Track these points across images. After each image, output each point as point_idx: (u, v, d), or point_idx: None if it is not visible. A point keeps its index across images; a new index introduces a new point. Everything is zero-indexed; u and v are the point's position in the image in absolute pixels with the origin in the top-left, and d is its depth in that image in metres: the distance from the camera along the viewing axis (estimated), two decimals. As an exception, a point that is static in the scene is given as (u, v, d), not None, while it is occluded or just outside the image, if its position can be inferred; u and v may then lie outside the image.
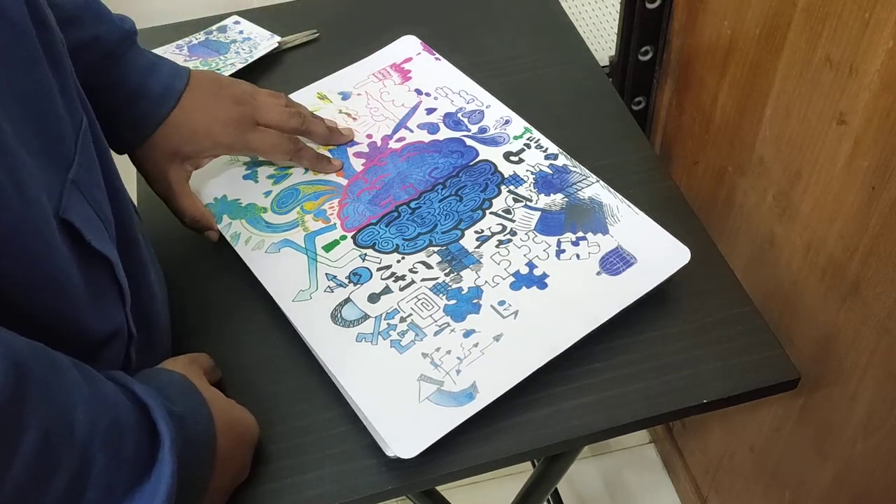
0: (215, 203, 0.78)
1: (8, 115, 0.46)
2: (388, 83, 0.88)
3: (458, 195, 0.76)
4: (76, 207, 0.52)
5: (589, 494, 1.39)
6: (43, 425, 0.42)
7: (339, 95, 0.88)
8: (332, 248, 0.73)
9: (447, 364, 0.63)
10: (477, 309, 0.67)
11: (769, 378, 0.65)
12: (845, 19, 0.67)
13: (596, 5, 1.38)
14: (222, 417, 0.56)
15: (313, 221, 0.75)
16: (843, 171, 0.72)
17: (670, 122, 1.08)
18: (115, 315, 0.56)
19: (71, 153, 0.53)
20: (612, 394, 0.64)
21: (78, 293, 0.51)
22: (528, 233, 0.72)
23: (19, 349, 0.42)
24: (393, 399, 0.62)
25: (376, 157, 0.80)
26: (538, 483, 0.84)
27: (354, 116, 0.85)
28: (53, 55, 0.52)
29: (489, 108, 0.84)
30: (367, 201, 0.76)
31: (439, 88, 0.87)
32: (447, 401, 0.61)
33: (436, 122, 0.83)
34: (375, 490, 0.61)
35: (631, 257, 0.69)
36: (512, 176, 0.77)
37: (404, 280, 0.69)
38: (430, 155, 0.80)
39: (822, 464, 0.88)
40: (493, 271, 0.69)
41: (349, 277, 0.70)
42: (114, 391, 0.48)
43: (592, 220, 0.72)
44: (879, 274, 0.71)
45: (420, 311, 0.67)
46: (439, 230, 0.73)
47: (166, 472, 0.48)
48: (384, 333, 0.66)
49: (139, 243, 0.62)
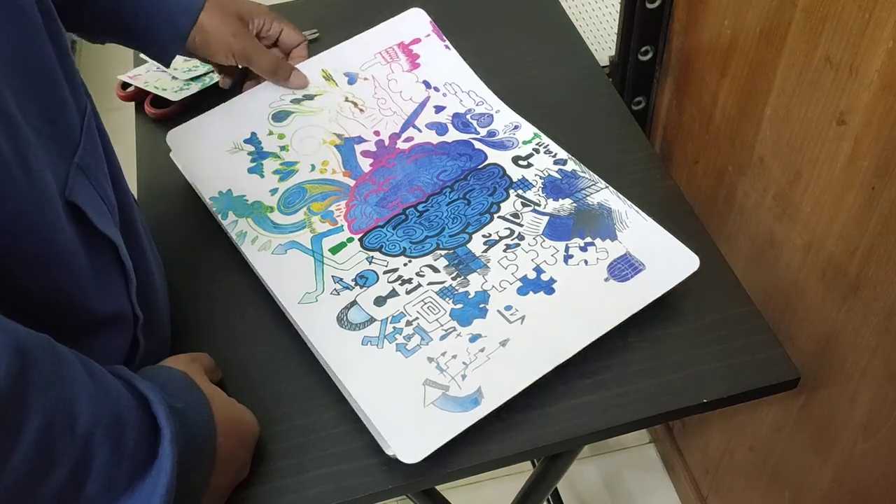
0: (220, 198, 0.77)
1: (16, 99, 0.48)
2: (395, 67, 0.87)
3: (465, 199, 0.75)
4: (82, 190, 0.53)
5: (589, 494, 1.39)
6: (45, 416, 0.42)
7: (345, 77, 0.86)
8: (339, 250, 0.72)
9: (453, 369, 0.63)
10: (483, 314, 0.66)
11: (769, 378, 0.65)
12: (845, 19, 0.67)
13: (596, 5, 1.38)
14: (223, 415, 0.56)
15: (321, 223, 0.75)
16: (843, 171, 0.72)
17: (670, 122, 1.08)
18: (119, 297, 0.57)
19: (77, 138, 0.55)
20: (612, 394, 0.64)
21: (84, 274, 0.53)
22: (536, 237, 0.71)
23: (24, 340, 0.42)
24: (398, 403, 0.62)
25: (384, 158, 0.80)
26: (538, 483, 0.84)
27: (362, 107, 0.84)
28: (59, 44, 0.54)
29: (498, 113, 0.83)
30: (375, 203, 0.76)
31: (448, 84, 0.86)
32: (452, 406, 0.61)
33: (444, 122, 0.83)
34: (375, 489, 0.61)
35: (639, 264, 0.68)
36: (520, 180, 0.76)
37: (411, 283, 0.69)
38: (438, 157, 0.79)
39: (822, 464, 0.88)
40: (500, 276, 0.69)
41: (355, 280, 0.70)
42: (116, 385, 0.49)
43: (601, 225, 0.72)
44: (879, 274, 0.71)
45: (426, 315, 0.67)
46: (447, 233, 0.72)
47: (166, 466, 0.48)
48: (390, 337, 0.66)
49: (139, 231, 0.63)
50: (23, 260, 0.48)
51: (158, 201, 0.78)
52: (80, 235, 0.53)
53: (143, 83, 0.92)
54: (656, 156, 0.83)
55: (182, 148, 0.81)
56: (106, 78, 0.84)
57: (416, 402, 0.61)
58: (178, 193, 0.81)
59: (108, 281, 0.56)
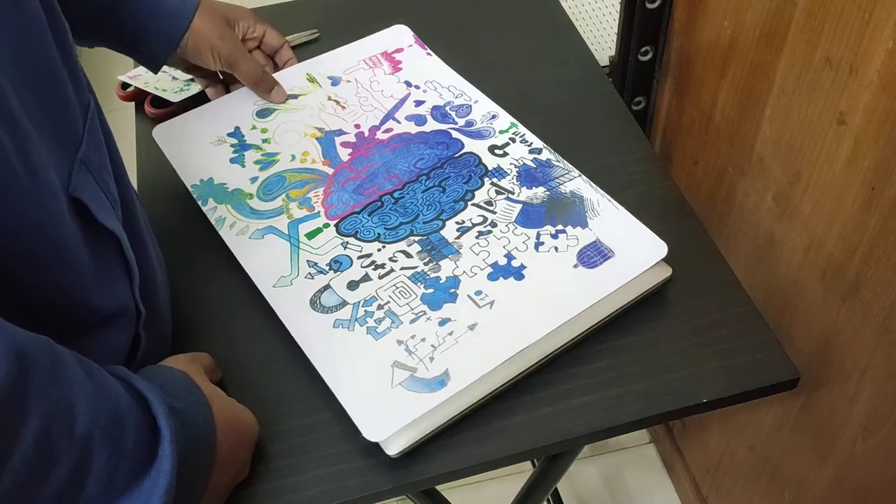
0: (201, 185, 0.78)
1: (18, 94, 0.48)
2: (378, 72, 0.89)
3: (441, 186, 0.77)
4: (85, 186, 0.53)
5: (589, 494, 1.39)
6: (45, 417, 0.42)
7: (329, 80, 0.89)
8: (315, 235, 0.74)
9: (421, 351, 0.64)
10: (454, 298, 0.68)
11: (769, 378, 0.65)
12: (845, 19, 0.67)
13: (596, 5, 1.38)
14: (223, 415, 0.56)
15: (298, 209, 0.76)
16: (843, 171, 0.72)
17: (670, 122, 1.08)
18: (123, 292, 0.58)
19: (79, 134, 0.55)
20: (612, 394, 0.64)
21: (86, 270, 0.53)
22: (509, 225, 0.73)
23: (23, 341, 0.42)
24: (366, 384, 0.63)
25: (363, 147, 0.81)
26: (538, 483, 0.84)
27: (343, 105, 0.86)
28: (62, 39, 0.54)
29: (477, 104, 0.84)
30: (352, 190, 0.77)
31: (429, 82, 0.87)
32: (419, 387, 0.62)
33: (423, 114, 0.84)
34: (375, 489, 0.61)
35: (608, 251, 0.70)
36: (496, 168, 0.78)
37: (384, 268, 0.70)
38: (416, 146, 0.81)
39: (822, 464, 0.89)
40: (471, 262, 0.70)
41: (330, 265, 0.71)
42: (115, 386, 0.49)
43: (573, 213, 0.73)
44: (879, 274, 0.71)
45: (397, 298, 0.68)
46: (421, 220, 0.74)
47: (166, 466, 0.48)
48: (361, 320, 0.67)
49: (141, 226, 0.64)
50: (25, 258, 0.48)
51: (158, 202, 0.78)
52: (83, 231, 0.53)
53: (143, 83, 0.92)
54: (656, 156, 0.84)
55: (168, 140, 0.83)
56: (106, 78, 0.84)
57: (384, 384, 0.63)
58: (178, 194, 0.81)
59: (111, 277, 0.57)
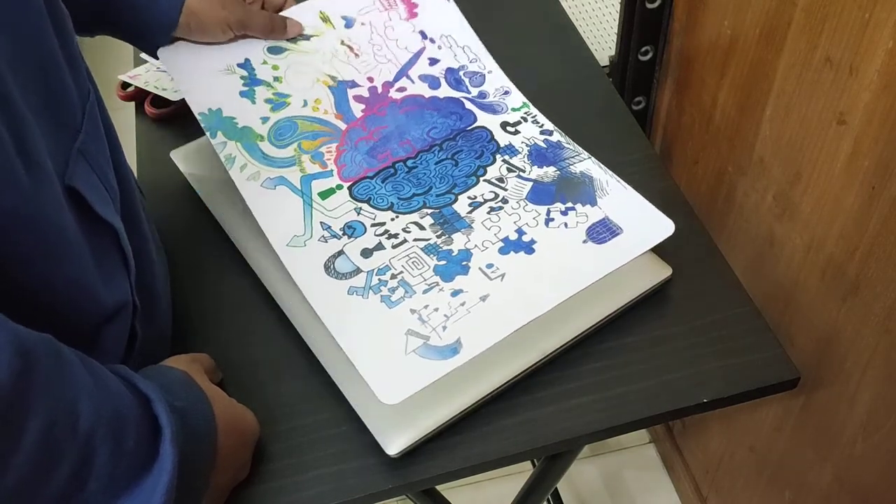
0: (209, 115, 0.76)
1: (16, 82, 0.47)
2: (392, 14, 0.87)
3: (453, 159, 0.77)
4: (82, 175, 0.53)
5: (589, 494, 1.39)
6: (48, 414, 0.42)
7: (342, 20, 0.86)
8: (328, 196, 0.74)
9: (434, 320, 0.65)
10: (466, 270, 0.68)
11: (769, 378, 0.65)
12: (845, 19, 0.67)
13: (596, 5, 1.38)
14: (223, 415, 0.56)
15: (311, 163, 0.76)
16: (843, 171, 0.72)
17: (670, 122, 1.08)
18: (121, 284, 0.57)
19: (78, 123, 0.55)
20: (612, 394, 0.64)
21: (85, 261, 0.52)
22: (520, 201, 0.73)
23: (26, 339, 0.42)
24: (380, 350, 0.63)
25: (376, 106, 0.81)
26: (538, 483, 0.84)
27: (357, 52, 0.84)
28: (60, 27, 0.53)
29: (490, 74, 0.84)
30: (365, 152, 0.77)
31: (444, 37, 0.86)
32: (432, 354, 0.63)
33: (437, 76, 0.83)
34: (375, 489, 0.61)
35: (617, 228, 0.70)
36: (507, 146, 0.78)
37: (397, 238, 0.71)
38: (429, 112, 0.81)
39: (822, 464, 0.89)
40: (483, 236, 0.71)
41: (343, 230, 0.71)
42: (117, 384, 0.49)
43: (582, 192, 0.73)
44: (879, 274, 0.71)
45: (411, 269, 0.68)
46: (434, 192, 0.74)
47: (167, 465, 0.48)
48: (375, 288, 0.67)
49: (141, 218, 0.63)
50: (22, 251, 0.48)
51: (159, 202, 0.78)
52: (80, 222, 0.52)
53: (143, 83, 0.92)
54: (656, 156, 0.84)
55: (174, 63, 0.80)
56: (106, 78, 0.84)
57: (398, 350, 0.63)
58: (179, 194, 0.81)
59: (111, 268, 0.56)
